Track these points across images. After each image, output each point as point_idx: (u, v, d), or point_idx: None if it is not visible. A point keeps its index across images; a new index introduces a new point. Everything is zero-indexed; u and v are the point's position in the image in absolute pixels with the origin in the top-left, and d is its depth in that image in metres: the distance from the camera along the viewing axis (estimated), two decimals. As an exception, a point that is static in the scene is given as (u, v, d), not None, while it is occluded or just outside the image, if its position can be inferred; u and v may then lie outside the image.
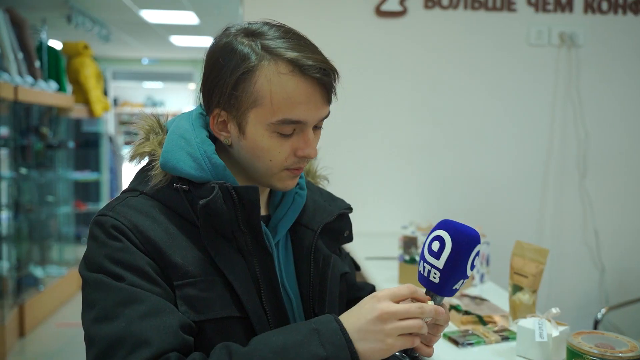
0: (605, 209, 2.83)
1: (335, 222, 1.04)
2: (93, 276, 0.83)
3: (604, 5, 2.74)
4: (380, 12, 2.68)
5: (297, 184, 1.02)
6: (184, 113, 0.99)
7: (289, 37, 0.88)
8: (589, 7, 2.74)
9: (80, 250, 5.07)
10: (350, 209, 1.07)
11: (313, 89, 0.86)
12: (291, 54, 0.85)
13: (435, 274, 0.83)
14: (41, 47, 4.61)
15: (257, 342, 0.80)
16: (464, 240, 0.82)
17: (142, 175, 0.94)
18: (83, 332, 0.84)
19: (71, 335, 3.82)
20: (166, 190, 0.90)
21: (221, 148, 0.94)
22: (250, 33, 0.88)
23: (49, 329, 3.95)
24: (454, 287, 0.85)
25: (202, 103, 0.94)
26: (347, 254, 1.17)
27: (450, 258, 0.82)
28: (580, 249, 2.84)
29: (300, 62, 0.85)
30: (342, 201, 1.09)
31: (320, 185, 1.14)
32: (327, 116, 0.92)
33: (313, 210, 1.03)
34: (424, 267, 0.85)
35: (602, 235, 2.82)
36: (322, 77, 0.86)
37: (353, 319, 0.80)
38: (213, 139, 0.94)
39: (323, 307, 0.97)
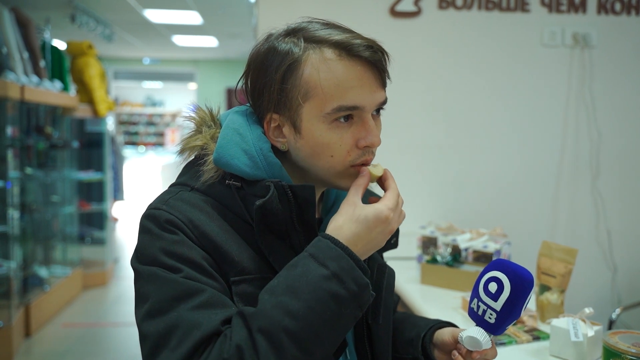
0: (618, 209, 2.84)
1: None
2: (147, 269, 0.81)
3: (617, 6, 2.75)
4: (394, 13, 2.68)
5: None
6: (237, 107, 0.96)
7: (331, 26, 0.86)
8: (602, 8, 2.74)
9: (84, 251, 5.07)
10: None
11: (363, 70, 0.83)
12: (335, 37, 0.83)
13: (491, 314, 0.84)
14: (45, 46, 4.58)
15: (263, 295, 0.78)
16: (523, 285, 0.83)
17: (193, 169, 0.91)
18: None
19: (77, 336, 3.80)
20: (218, 186, 0.88)
21: (276, 149, 0.91)
22: (291, 32, 0.87)
23: (55, 329, 3.93)
24: (506, 327, 0.86)
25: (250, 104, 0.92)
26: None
27: (508, 301, 0.83)
28: (592, 249, 2.85)
29: (346, 43, 0.82)
30: None
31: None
32: (385, 102, 0.88)
33: None
34: (478, 306, 0.86)
35: (615, 235, 2.83)
36: (371, 55, 0.83)
37: (345, 229, 0.81)
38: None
39: (377, 317, 0.95)
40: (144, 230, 0.85)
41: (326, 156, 0.85)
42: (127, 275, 5.31)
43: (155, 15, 6.46)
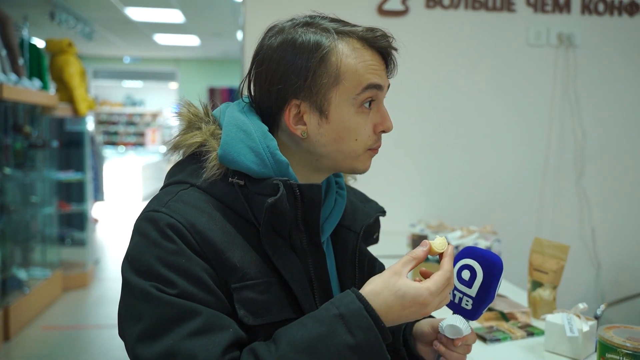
0: (602, 207, 2.88)
1: (371, 224, 1.03)
2: (140, 284, 0.78)
3: (600, 7, 2.79)
4: (382, 11, 2.69)
5: (337, 183, 1.01)
6: (231, 103, 0.94)
7: (343, 21, 0.91)
8: (586, 9, 2.78)
9: (65, 252, 4.98)
10: (384, 213, 1.06)
11: (380, 58, 0.90)
12: (357, 30, 0.89)
13: (467, 301, 0.87)
14: (23, 44, 4.49)
15: (281, 341, 0.77)
16: (494, 269, 0.86)
17: (191, 166, 0.89)
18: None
19: (58, 339, 3.73)
20: (220, 184, 0.86)
21: (281, 144, 0.90)
22: (308, 24, 0.89)
23: (35, 332, 3.85)
24: (482, 312, 0.89)
25: (260, 104, 0.91)
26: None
27: (482, 286, 0.86)
28: (577, 246, 2.88)
29: (369, 35, 0.89)
30: (376, 203, 1.08)
31: (349, 184, 1.12)
32: (388, 88, 0.94)
33: (352, 211, 1.01)
34: (454, 295, 0.89)
35: (599, 232, 2.87)
36: (387, 45, 0.90)
37: (381, 297, 0.79)
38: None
39: None
40: (140, 233, 0.82)
41: (350, 140, 0.89)
42: (108, 277, 5.24)
43: (136, 14, 6.39)
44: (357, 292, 0.80)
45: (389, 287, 0.79)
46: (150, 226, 0.81)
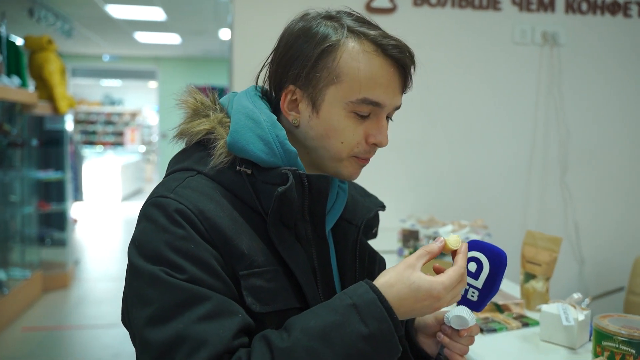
0: (585, 203, 2.93)
1: (371, 218, 1.03)
2: (149, 269, 0.77)
3: (584, 6, 2.84)
4: (370, 9, 2.70)
5: None
6: (238, 92, 0.94)
7: (366, 21, 0.89)
8: (569, 8, 2.83)
9: (44, 253, 4.89)
10: (383, 207, 1.07)
11: (394, 71, 0.86)
12: (374, 33, 0.86)
13: (473, 293, 0.88)
14: (1, 41, 4.40)
15: (294, 329, 0.77)
16: (500, 261, 0.87)
17: (197, 154, 0.89)
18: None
19: (38, 340, 3.66)
20: (227, 172, 0.86)
21: (287, 133, 0.90)
22: (330, 17, 0.88)
23: (14, 334, 3.78)
24: (487, 303, 0.90)
25: (269, 84, 0.92)
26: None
27: (489, 278, 0.87)
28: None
29: (384, 41, 0.85)
30: (376, 197, 1.09)
31: None
32: (399, 108, 0.91)
33: (353, 205, 1.02)
34: None
35: (582, 228, 2.92)
36: (403, 57, 0.86)
37: (394, 289, 0.79)
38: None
39: None
40: (148, 219, 0.81)
41: (336, 141, 0.87)
42: (89, 277, 5.17)
43: (117, 11, 6.30)
44: (371, 283, 0.80)
45: (403, 279, 0.79)
46: (158, 212, 0.80)
